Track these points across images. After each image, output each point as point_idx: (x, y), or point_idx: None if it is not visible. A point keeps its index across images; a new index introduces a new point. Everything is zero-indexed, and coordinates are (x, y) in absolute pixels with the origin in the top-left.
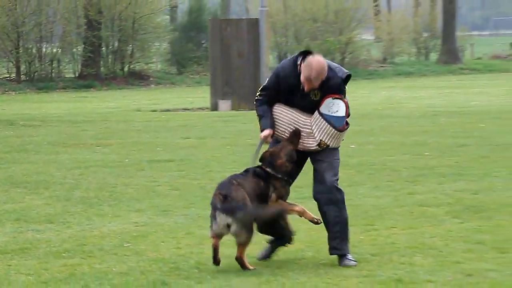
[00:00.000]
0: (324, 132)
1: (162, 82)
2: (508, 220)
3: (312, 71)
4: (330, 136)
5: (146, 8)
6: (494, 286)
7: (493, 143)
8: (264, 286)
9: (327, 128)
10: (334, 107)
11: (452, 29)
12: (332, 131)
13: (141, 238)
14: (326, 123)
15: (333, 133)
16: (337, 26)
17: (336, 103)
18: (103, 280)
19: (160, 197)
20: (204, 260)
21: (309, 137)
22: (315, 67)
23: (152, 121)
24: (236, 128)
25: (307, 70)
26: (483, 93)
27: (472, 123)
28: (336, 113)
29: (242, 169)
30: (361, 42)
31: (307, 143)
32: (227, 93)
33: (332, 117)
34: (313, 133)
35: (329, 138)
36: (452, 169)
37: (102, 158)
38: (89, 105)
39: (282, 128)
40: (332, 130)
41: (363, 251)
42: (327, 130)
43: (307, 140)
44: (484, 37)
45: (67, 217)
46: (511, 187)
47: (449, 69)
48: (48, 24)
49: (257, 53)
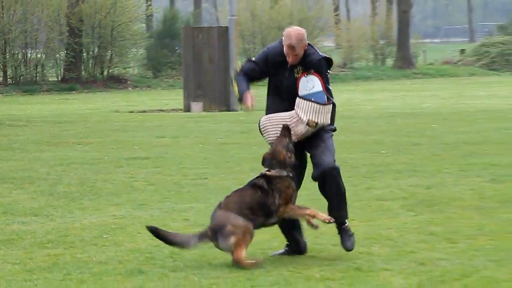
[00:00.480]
0: (308, 111)
1: (138, 85)
2: (457, 213)
3: (292, 38)
4: (315, 112)
5: (124, 16)
6: (445, 273)
7: (444, 142)
8: (235, 273)
9: (309, 106)
10: (309, 83)
11: (406, 37)
12: (315, 106)
13: (119, 230)
14: (307, 101)
15: (317, 108)
16: None
17: (310, 79)
18: (84, 268)
19: (137, 191)
20: (177, 250)
21: (298, 124)
22: (294, 33)
23: (130, 122)
24: (207, 128)
25: (287, 39)
26: (434, 96)
27: (424, 123)
28: (313, 89)
29: (213, 166)
30: (322, 49)
31: (298, 130)
32: (199, 96)
33: (311, 94)
34: (300, 117)
35: (315, 114)
36: (407, 166)
37: (83, 156)
38: (71, 107)
39: (275, 131)
40: (315, 105)
41: (325, 242)
42: (311, 107)
43: (298, 127)
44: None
45: (50, 210)
46: (460, 182)
47: (403, 73)
48: (33, 31)
49: (227, 58)
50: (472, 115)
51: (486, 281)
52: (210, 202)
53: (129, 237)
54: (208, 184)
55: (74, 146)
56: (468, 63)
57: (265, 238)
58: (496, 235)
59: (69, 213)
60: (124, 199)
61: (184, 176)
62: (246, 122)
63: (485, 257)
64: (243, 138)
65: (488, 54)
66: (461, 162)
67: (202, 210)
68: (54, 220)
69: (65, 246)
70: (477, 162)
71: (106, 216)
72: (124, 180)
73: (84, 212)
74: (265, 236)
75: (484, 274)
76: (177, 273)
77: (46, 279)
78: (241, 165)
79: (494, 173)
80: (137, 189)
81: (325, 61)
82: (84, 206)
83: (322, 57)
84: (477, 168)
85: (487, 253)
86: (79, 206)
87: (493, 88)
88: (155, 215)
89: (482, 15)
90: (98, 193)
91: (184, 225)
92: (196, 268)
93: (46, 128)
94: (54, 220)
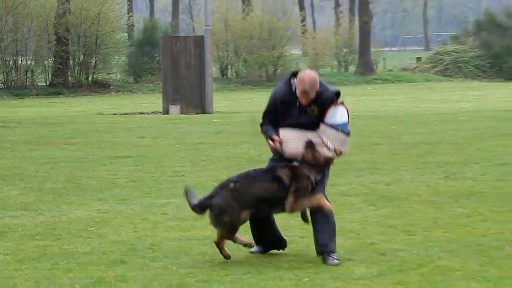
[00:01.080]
0: (335, 140)
1: (121, 90)
2: (414, 207)
3: (306, 83)
4: (342, 142)
5: (107, 26)
6: (403, 263)
7: (402, 142)
8: (209, 264)
9: (337, 135)
10: (337, 114)
11: (367, 45)
12: (343, 136)
13: (103, 223)
14: (335, 131)
15: (343, 139)
16: (270, 42)
17: (339, 110)
18: (71, 259)
19: (119, 188)
20: (157, 242)
21: (322, 147)
22: (308, 79)
23: (112, 123)
24: (184, 129)
25: (301, 84)
26: (393, 100)
27: (384, 125)
28: (341, 119)
29: (190, 164)
30: (290, 56)
31: (323, 152)
32: (176, 99)
33: (339, 124)
34: (325, 142)
35: (341, 144)
36: (368, 164)
37: (69, 155)
38: (58, 110)
39: (292, 143)
40: (342, 136)
41: (294, 234)
42: (338, 137)
43: (323, 150)
44: (394, 53)
45: (39, 205)
46: (417, 179)
47: (365, 79)
48: (23, 40)
49: (202, 65)
50: (427, 118)
51: (440, 270)
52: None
53: (112, 230)
54: (185, 180)
55: (61, 146)
56: (424, 70)
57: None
58: (450, 227)
59: (57, 207)
60: (107, 194)
61: (163, 174)
62: (220, 124)
63: (440, 248)
64: (217, 139)
65: (442, 61)
66: (418, 160)
67: (180, 205)
68: (42, 214)
69: (52, 238)
70: (432, 160)
71: (91, 211)
72: (107, 177)
73: (71, 207)
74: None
75: (439, 263)
76: (157, 263)
77: (35, 268)
78: (216, 163)
79: (447, 170)
80: (119, 186)
81: (337, 96)
82: (70, 201)
83: (334, 93)
84: (432, 166)
85: (441, 244)
86: (66, 201)
87: (447, 93)
88: (136, 210)
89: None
90: (84, 189)
91: (163, 218)
92: (174, 258)
93: (35, 129)
94: (42, 214)
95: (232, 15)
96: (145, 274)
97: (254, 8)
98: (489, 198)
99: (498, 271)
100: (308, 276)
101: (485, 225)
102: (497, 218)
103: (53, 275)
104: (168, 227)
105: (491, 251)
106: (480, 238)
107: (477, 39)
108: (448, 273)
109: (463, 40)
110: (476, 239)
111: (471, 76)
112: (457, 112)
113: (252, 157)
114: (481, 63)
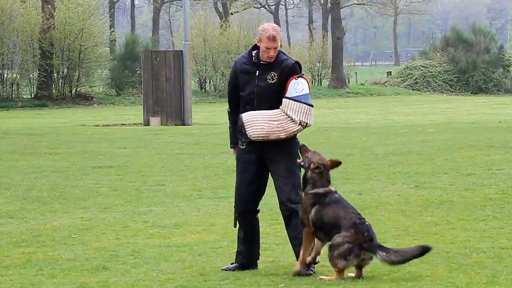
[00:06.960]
0: (299, 112)
1: (103, 102)
2: (385, 216)
3: (270, 30)
4: (305, 113)
5: (90, 41)
6: (375, 269)
7: (374, 153)
8: (188, 270)
9: (301, 107)
10: (299, 86)
11: (340, 60)
12: (306, 108)
13: (86, 231)
14: (298, 103)
15: (306, 109)
16: None
17: (300, 82)
18: (55, 265)
19: (101, 196)
20: (138, 248)
21: (289, 122)
22: (271, 26)
23: (95, 134)
24: (164, 140)
25: (266, 31)
26: (365, 112)
27: (356, 137)
28: (302, 91)
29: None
30: None
31: (290, 128)
32: (157, 111)
33: (301, 95)
34: (290, 117)
35: (305, 115)
36: (341, 174)
37: (53, 164)
38: (43, 121)
39: (260, 127)
40: (306, 107)
41: (269, 241)
42: (302, 109)
43: (289, 126)
44: (365, 67)
45: (24, 213)
46: (388, 188)
47: (337, 93)
48: (9, 54)
49: (182, 78)
50: (397, 129)
51: (410, 276)
52: (167, 206)
53: (95, 237)
54: (166, 190)
55: (46, 156)
56: (394, 84)
57: (215, 238)
58: (419, 235)
59: (41, 215)
60: (90, 203)
61: (144, 183)
62: (199, 135)
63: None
64: (196, 149)
65: (411, 76)
66: (389, 170)
67: (160, 213)
68: (28, 222)
69: (37, 245)
70: (402, 171)
71: (74, 218)
72: (90, 186)
73: (55, 215)
74: (215, 236)
75: (410, 270)
76: (138, 269)
77: (20, 274)
78: (195, 173)
79: (417, 180)
80: (102, 194)
81: (297, 65)
82: (54, 209)
83: (295, 61)
84: (403, 176)
85: None
86: (50, 209)
87: (416, 106)
88: (118, 217)
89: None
90: (67, 198)
91: (144, 226)
92: (154, 265)
93: (20, 140)
94: (28, 221)
95: (210, 30)
96: (127, 279)
97: (232, 24)
98: (457, 207)
99: (466, 277)
100: (284, 282)
101: (453, 233)
102: (465, 226)
103: (38, 280)
104: (149, 234)
105: (459, 258)
106: (448, 245)
107: (444, 55)
108: (418, 279)
109: (431, 55)
110: (444, 246)
111: (439, 90)
112: (426, 124)
113: (230, 167)
114: (448, 77)
